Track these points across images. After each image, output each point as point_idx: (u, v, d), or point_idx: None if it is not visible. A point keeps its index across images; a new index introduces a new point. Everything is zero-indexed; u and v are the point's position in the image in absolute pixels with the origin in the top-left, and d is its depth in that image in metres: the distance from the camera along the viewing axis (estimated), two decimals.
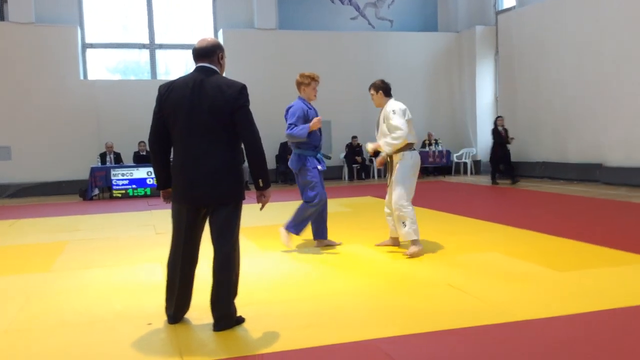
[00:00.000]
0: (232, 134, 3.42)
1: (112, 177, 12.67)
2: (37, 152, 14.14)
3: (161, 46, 15.43)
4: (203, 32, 15.71)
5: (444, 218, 7.94)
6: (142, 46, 15.40)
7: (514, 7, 15.80)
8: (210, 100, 3.35)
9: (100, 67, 15.35)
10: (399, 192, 5.50)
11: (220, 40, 15.44)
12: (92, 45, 15.06)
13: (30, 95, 14.07)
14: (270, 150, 15.01)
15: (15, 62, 13.97)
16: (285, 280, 4.76)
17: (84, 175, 13.35)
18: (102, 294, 4.46)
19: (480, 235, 6.48)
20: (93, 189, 12.71)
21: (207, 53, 3.50)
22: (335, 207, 9.65)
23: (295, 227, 5.81)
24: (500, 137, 13.06)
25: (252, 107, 3.52)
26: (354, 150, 15.89)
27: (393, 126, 5.54)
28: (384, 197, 10.59)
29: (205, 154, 3.36)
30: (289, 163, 6.02)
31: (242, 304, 3.93)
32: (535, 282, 4.39)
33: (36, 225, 8.61)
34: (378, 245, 5.97)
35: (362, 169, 15.95)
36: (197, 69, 3.49)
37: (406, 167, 5.55)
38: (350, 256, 5.58)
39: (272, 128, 15.25)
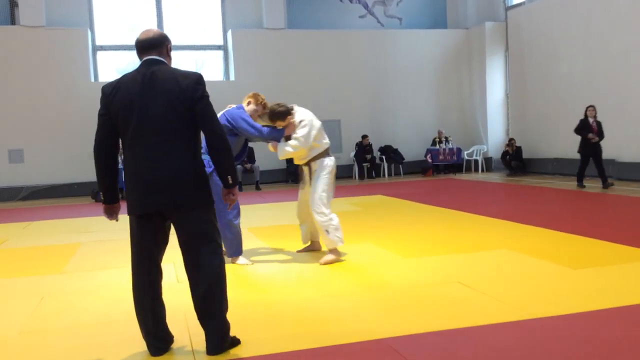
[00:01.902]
0: (192, 129, 3.07)
1: (123, 179, 12.73)
2: (49, 154, 14.26)
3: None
4: (212, 32, 15.78)
5: (454, 216, 7.91)
6: None
7: (523, 3, 15.70)
8: (166, 93, 3.00)
9: (111, 69, 15.44)
10: (318, 200, 5.17)
11: (230, 40, 15.49)
12: (102, 48, 15.15)
13: (42, 98, 14.19)
14: None
15: (26, 66, 14.10)
16: (296, 280, 4.76)
17: (91, 177, 13.41)
18: (115, 295, 4.49)
19: (490, 233, 6.45)
20: None
21: (155, 44, 3.13)
22: (345, 206, 9.65)
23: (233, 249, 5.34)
24: (590, 131, 10.72)
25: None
26: (363, 149, 15.87)
27: (293, 137, 5.20)
28: (395, 196, 10.64)
29: (164, 154, 3.01)
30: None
31: (253, 304, 3.95)
32: (548, 280, 4.37)
33: (49, 227, 8.68)
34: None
35: (372, 168, 15.93)
36: (145, 63, 3.11)
37: (327, 173, 5.26)
38: (360, 255, 5.58)
39: None
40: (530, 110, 15.30)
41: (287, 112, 5.21)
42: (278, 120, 5.22)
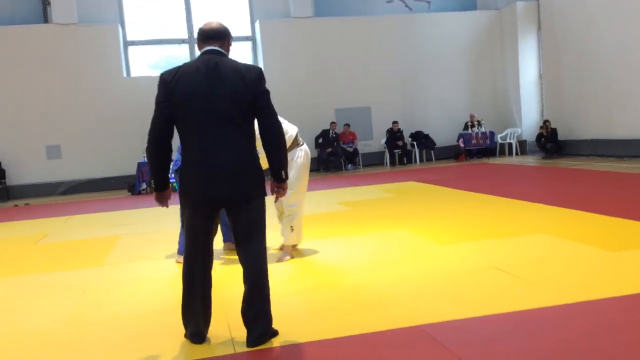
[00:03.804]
0: (251, 123, 3.13)
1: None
2: (85, 149, 14.58)
3: None
4: (240, 24, 15.83)
5: (489, 201, 7.82)
6: (181, 41, 15.63)
7: None
8: (230, 85, 3.03)
9: (142, 63, 15.66)
10: (294, 194, 4.95)
11: (258, 31, 15.51)
12: (133, 43, 15.36)
13: (76, 95, 14.49)
14: (311, 137, 15.03)
15: (60, 63, 14.40)
16: (333, 267, 4.78)
17: (131, 170, 13.69)
18: (155, 286, 4.58)
19: (527, 217, 6.35)
20: (141, 184, 13.03)
21: (219, 35, 3.19)
22: (378, 193, 9.62)
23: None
24: None
25: (294, 96, 3.43)
26: (394, 135, 15.77)
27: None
28: (427, 182, 10.55)
29: (226, 146, 3.04)
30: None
31: (287, 292, 3.98)
32: (587, 263, 4.29)
33: (89, 221, 8.89)
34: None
35: (403, 154, 15.83)
36: (207, 52, 3.15)
37: (300, 165, 5.06)
38: (394, 242, 5.57)
39: (313, 115, 15.34)
40: (564, 91, 14.96)
41: None
42: None
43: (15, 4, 14.57)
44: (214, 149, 3.03)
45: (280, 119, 5.08)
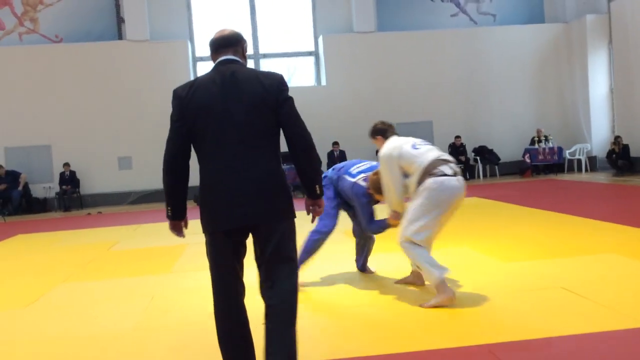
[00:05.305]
0: (275, 135, 2.76)
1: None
2: (154, 160, 14.99)
3: (265, 55, 15.97)
4: (304, 39, 16.11)
5: (556, 218, 7.59)
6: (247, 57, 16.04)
7: None
8: (249, 94, 2.70)
9: None
10: (408, 225, 4.10)
11: (321, 46, 15.72)
12: (201, 59, 15.88)
13: (147, 108, 15.09)
14: (372, 151, 15.03)
15: (133, 78, 15.07)
16: (392, 284, 4.77)
17: (197, 181, 14.06)
18: None
19: (597, 236, 6.13)
20: None
21: (232, 42, 2.87)
22: None
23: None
24: None
25: (356, 110, 3.29)
26: (457, 150, 15.56)
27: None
28: (491, 198, 10.35)
29: (250, 162, 2.68)
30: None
31: (346, 306, 4.00)
32: None
33: (157, 229, 9.21)
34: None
35: (466, 169, 15.58)
36: (221, 63, 2.82)
37: (427, 194, 4.06)
38: (459, 259, 5.50)
39: None
40: (638, 106, 14.37)
41: (372, 134, 4.74)
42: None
43: (92, 22, 15.39)
44: (237, 167, 2.69)
45: (421, 140, 4.53)
